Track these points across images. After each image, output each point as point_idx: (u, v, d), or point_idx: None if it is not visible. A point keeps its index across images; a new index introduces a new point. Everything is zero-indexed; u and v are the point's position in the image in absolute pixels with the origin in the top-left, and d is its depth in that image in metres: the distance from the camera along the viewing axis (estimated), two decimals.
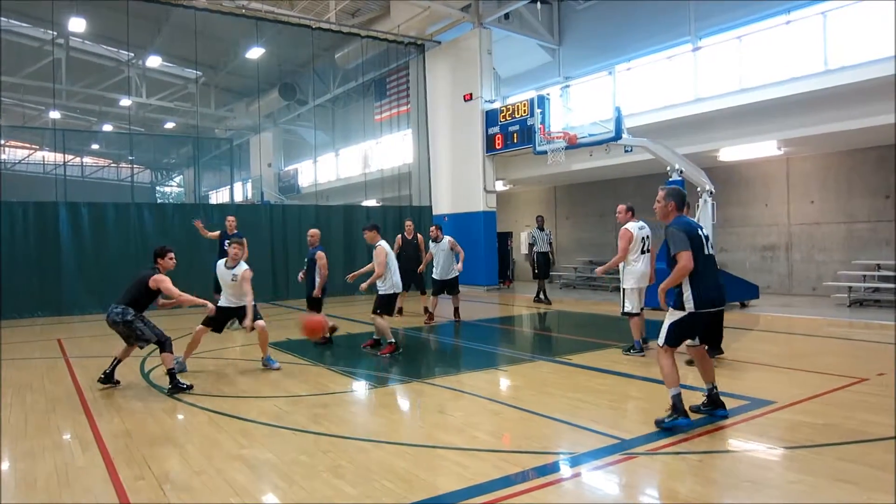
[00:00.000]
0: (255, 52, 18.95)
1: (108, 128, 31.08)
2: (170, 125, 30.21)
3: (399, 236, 11.75)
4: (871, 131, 10.88)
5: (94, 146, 36.35)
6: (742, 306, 11.72)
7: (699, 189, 11.38)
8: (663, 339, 4.82)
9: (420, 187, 18.85)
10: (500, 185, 17.75)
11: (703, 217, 11.25)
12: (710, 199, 11.27)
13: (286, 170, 29.80)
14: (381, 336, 8.28)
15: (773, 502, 3.52)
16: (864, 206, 12.74)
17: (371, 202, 20.79)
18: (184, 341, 7.43)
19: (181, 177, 41.17)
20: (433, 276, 11.29)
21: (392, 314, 8.82)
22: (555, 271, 16.74)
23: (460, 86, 17.64)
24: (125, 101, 24.54)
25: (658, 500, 3.71)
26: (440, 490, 3.72)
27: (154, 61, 22.69)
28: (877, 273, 11.92)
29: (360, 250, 15.71)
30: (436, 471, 4.09)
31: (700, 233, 4.81)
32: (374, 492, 3.71)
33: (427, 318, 11.14)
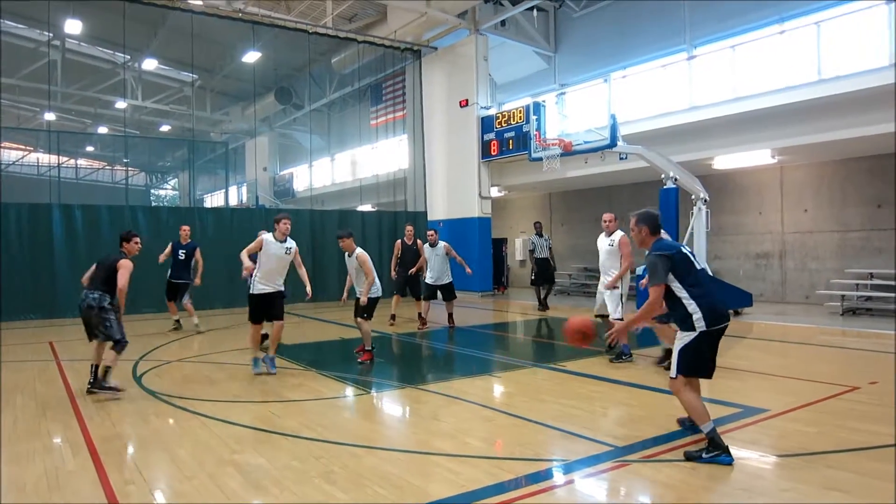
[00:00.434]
0: (252, 56, 18.98)
1: (103, 130, 30.98)
2: (165, 128, 30.13)
3: (399, 241, 11.73)
4: (864, 141, 10.95)
5: (89, 148, 36.20)
6: (735, 314, 11.74)
7: (693, 197, 11.45)
8: (675, 370, 4.40)
9: (415, 193, 18.85)
10: (495, 192, 17.77)
11: (697, 224, 11.33)
12: (704, 207, 11.35)
13: (282, 174, 29.80)
14: (366, 340, 8.21)
15: None
16: (858, 215, 12.82)
17: (366, 207, 20.80)
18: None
19: (176, 180, 41.11)
20: (426, 281, 11.29)
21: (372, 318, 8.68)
22: None
23: (456, 92, 17.68)
24: (120, 104, 24.45)
25: None
26: (432, 496, 3.71)
27: (150, 64, 22.65)
28: (869, 282, 11.97)
29: None
30: (428, 477, 4.08)
31: (683, 251, 4.58)
32: (365, 498, 3.70)
33: (420, 323, 11.16)
